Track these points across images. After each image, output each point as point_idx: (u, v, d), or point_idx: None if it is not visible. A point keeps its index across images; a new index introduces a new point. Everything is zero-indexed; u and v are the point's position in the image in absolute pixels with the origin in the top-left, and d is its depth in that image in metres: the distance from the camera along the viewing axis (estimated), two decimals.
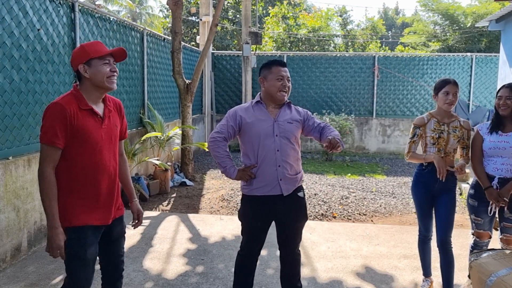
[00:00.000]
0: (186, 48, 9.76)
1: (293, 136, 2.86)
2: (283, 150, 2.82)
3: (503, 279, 2.42)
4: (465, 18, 16.22)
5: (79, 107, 2.22)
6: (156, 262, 4.05)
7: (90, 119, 2.26)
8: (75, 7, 5.02)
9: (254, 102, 2.94)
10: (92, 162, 2.27)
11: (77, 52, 2.28)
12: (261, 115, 2.87)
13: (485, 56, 11.24)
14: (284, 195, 2.85)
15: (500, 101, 3.19)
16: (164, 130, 7.24)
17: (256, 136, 2.82)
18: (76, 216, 2.24)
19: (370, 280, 3.73)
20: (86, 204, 2.27)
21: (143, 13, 30.42)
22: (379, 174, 8.54)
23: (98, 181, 2.29)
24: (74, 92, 2.27)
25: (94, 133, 2.26)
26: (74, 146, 2.22)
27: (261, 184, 2.85)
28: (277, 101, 2.87)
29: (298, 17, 18.94)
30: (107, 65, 2.27)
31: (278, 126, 2.83)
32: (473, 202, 3.33)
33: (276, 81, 2.82)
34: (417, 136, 3.33)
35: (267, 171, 2.82)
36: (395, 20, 37.07)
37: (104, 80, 2.26)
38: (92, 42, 2.33)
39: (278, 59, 2.92)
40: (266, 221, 2.95)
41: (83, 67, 2.24)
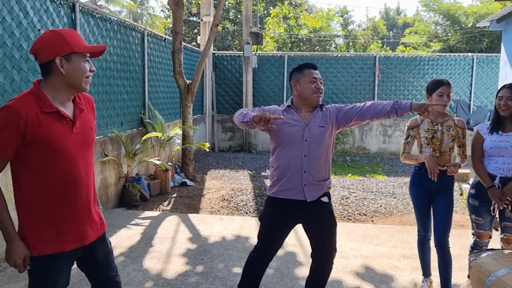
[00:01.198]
0: (187, 48, 9.77)
1: (323, 140, 2.78)
2: (310, 156, 2.75)
3: (502, 279, 2.42)
4: (466, 18, 16.21)
5: (41, 110, 1.81)
6: (156, 262, 4.05)
7: (57, 123, 1.85)
8: (76, 7, 5.04)
9: (285, 106, 2.87)
10: (63, 174, 1.88)
11: (53, 39, 1.83)
12: (292, 119, 2.80)
13: (486, 56, 11.23)
14: (308, 201, 2.78)
15: (500, 101, 3.18)
16: (164, 130, 7.25)
17: (285, 140, 2.76)
18: (46, 242, 1.89)
19: (370, 280, 3.73)
20: (57, 225, 1.90)
21: (144, 14, 30.45)
22: (379, 174, 8.54)
23: (71, 197, 1.92)
24: (35, 91, 1.84)
25: (62, 140, 1.86)
26: (38, 157, 1.83)
27: (285, 187, 2.79)
28: (311, 104, 2.81)
29: (299, 17, 18.95)
30: (87, 63, 1.90)
31: (308, 131, 2.76)
32: (473, 202, 3.33)
33: (309, 84, 2.77)
34: (411, 137, 3.35)
35: (293, 175, 2.76)
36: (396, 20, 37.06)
37: (82, 80, 1.88)
38: (69, 31, 1.89)
39: (309, 62, 2.87)
40: (287, 225, 2.89)
41: (60, 60, 1.81)
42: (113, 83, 6.04)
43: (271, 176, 2.90)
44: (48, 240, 1.89)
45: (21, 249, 1.85)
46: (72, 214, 1.94)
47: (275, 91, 11.56)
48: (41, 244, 1.88)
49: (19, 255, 1.85)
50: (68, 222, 1.93)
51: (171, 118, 8.80)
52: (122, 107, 6.41)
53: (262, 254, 2.95)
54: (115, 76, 6.10)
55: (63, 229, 1.92)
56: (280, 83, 11.51)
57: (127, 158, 6.23)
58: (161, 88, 8.25)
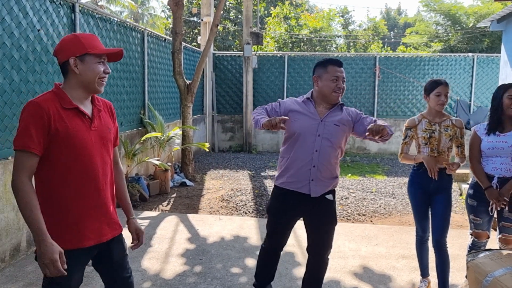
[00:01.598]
0: (187, 49, 9.78)
1: (336, 139, 2.78)
2: (322, 152, 2.75)
3: (499, 279, 2.42)
4: (467, 18, 16.22)
5: (61, 106, 1.91)
6: (155, 262, 4.06)
7: (76, 119, 1.94)
8: (76, 7, 5.04)
9: (304, 97, 2.89)
10: (81, 169, 1.94)
11: (70, 41, 1.95)
12: (308, 112, 2.82)
13: (486, 57, 11.22)
14: (311, 196, 2.80)
15: (509, 101, 3.14)
16: (164, 130, 7.25)
17: (298, 132, 2.77)
18: (65, 237, 1.92)
19: (368, 281, 3.73)
20: (76, 221, 1.95)
21: (145, 14, 30.48)
22: (379, 175, 8.54)
23: (89, 193, 1.98)
24: (55, 90, 1.96)
25: (80, 136, 1.94)
26: (59, 152, 1.90)
27: (293, 179, 2.82)
28: (330, 101, 2.82)
29: (299, 17, 18.96)
30: (101, 65, 1.99)
31: (323, 127, 2.77)
32: (472, 202, 3.33)
33: (331, 82, 2.76)
34: (409, 138, 3.37)
35: (301, 168, 2.78)
36: (397, 21, 37.04)
37: (96, 80, 1.97)
38: (88, 35, 2.01)
39: (334, 58, 2.83)
40: (291, 217, 2.94)
41: (75, 60, 1.92)
42: (112, 83, 6.05)
43: (280, 166, 2.93)
44: (66, 236, 1.93)
45: (55, 246, 1.84)
46: (89, 210, 1.99)
47: (276, 91, 11.56)
48: (59, 240, 1.88)
49: (54, 251, 1.83)
50: (86, 219, 1.98)
51: (171, 118, 8.80)
52: (122, 107, 6.42)
53: (271, 244, 3.05)
54: (114, 76, 6.10)
55: (81, 225, 1.97)
56: (280, 83, 11.51)
57: (126, 158, 6.24)
58: (161, 88, 8.26)
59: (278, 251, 3.10)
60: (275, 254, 3.11)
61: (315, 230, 2.92)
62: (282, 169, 2.89)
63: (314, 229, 2.93)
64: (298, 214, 2.94)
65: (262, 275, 3.15)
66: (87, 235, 1.98)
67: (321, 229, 2.90)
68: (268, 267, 3.13)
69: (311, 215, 2.90)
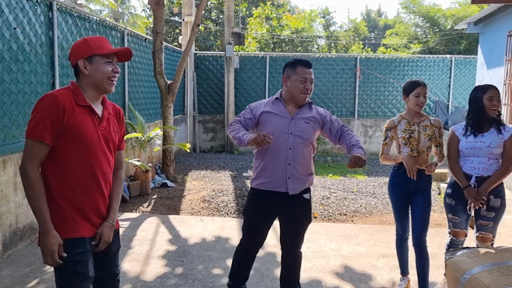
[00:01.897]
0: (168, 48, 9.70)
1: (308, 136, 2.85)
2: (296, 149, 2.81)
3: (476, 277, 2.46)
4: (445, 20, 16.50)
5: (76, 102, 2.02)
6: (135, 264, 4.00)
7: (87, 116, 2.05)
8: (53, 5, 4.94)
9: (273, 98, 2.94)
10: (84, 164, 2.04)
11: (79, 45, 2.08)
12: (279, 112, 2.86)
13: (463, 58, 11.44)
14: (290, 194, 2.85)
15: (492, 102, 3.16)
16: (145, 131, 7.17)
17: (271, 132, 2.78)
18: (68, 227, 2.01)
19: (349, 280, 3.76)
20: (79, 213, 2.04)
21: (126, 13, 30.14)
22: (360, 175, 8.62)
23: (92, 187, 2.07)
24: (72, 87, 2.07)
25: (89, 133, 2.04)
26: (66, 145, 2.00)
27: (269, 179, 2.85)
28: (297, 103, 2.87)
29: (281, 18, 19.00)
30: (109, 65, 2.08)
31: (294, 124, 2.83)
32: (450, 201, 3.38)
33: (299, 83, 2.82)
34: (389, 138, 3.41)
35: (277, 167, 2.82)
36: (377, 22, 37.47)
37: (104, 80, 2.07)
38: (97, 38, 2.13)
39: (303, 59, 2.88)
40: (268, 218, 2.97)
41: (83, 62, 2.04)
42: None
43: (255, 167, 2.95)
44: (70, 225, 2.02)
45: (57, 237, 1.95)
46: (92, 203, 2.08)
47: (257, 91, 11.56)
48: (63, 229, 2.00)
49: (56, 242, 1.95)
50: (88, 211, 2.07)
51: (152, 119, 8.72)
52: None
53: (248, 244, 3.06)
54: None
55: (83, 218, 2.06)
56: (262, 83, 11.52)
57: None
58: (142, 88, 8.17)
59: (255, 252, 3.12)
60: (252, 255, 3.13)
61: (291, 228, 2.98)
62: (257, 171, 2.92)
63: (290, 227, 2.97)
64: (275, 213, 2.98)
65: (237, 275, 3.15)
66: (89, 225, 2.08)
67: (297, 227, 2.96)
68: (244, 268, 3.15)
69: (288, 214, 2.94)
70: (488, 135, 3.21)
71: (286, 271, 3.09)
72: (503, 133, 3.20)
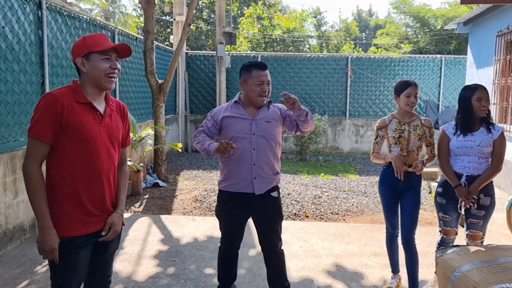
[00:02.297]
0: (159, 48, 9.66)
1: (271, 135, 2.90)
2: (259, 149, 2.86)
3: (466, 274, 2.48)
4: (435, 20, 16.62)
5: (76, 100, 2.03)
6: (126, 264, 3.98)
7: (88, 114, 2.06)
8: (43, 4, 4.90)
9: (232, 101, 2.98)
10: (88, 162, 2.06)
11: (78, 44, 2.10)
12: (239, 114, 2.91)
13: (453, 58, 11.53)
14: (256, 194, 2.89)
15: (480, 102, 3.18)
16: (136, 130, 7.14)
17: (233, 134, 2.86)
18: (70, 224, 2.05)
19: (341, 278, 3.77)
20: (79, 210, 2.07)
21: (116, 12, 29.95)
22: (352, 174, 8.65)
23: (94, 184, 2.09)
24: (72, 85, 2.09)
25: (91, 130, 2.05)
26: (68, 143, 2.02)
27: (236, 181, 2.91)
28: (256, 105, 2.92)
29: (273, 17, 19.01)
30: (107, 61, 2.08)
31: (256, 125, 2.87)
32: (441, 200, 3.40)
33: (256, 86, 2.85)
34: (380, 137, 3.44)
35: (242, 169, 2.87)
36: (368, 22, 37.64)
37: (102, 77, 2.07)
38: (94, 35, 2.13)
39: (258, 62, 2.92)
40: (241, 217, 3.03)
41: (81, 60, 2.06)
42: None
43: (222, 169, 3.01)
44: (71, 223, 2.04)
45: (56, 235, 1.99)
46: (93, 199, 2.09)
47: None
48: (64, 227, 2.03)
49: (54, 241, 1.99)
50: (88, 207, 2.08)
51: (143, 118, 8.67)
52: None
53: (227, 244, 3.12)
54: None
55: (84, 213, 2.07)
56: None
57: None
58: (133, 88, 8.13)
59: (235, 250, 3.17)
60: (233, 254, 3.18)
61: (263, 227, 3.03)
62: (224, 173, 2.98)
63: (262, 226, 3.03)
64: (245, 213, 3.03)
65: (224, 276, 3.20)
66: (90, 222, 2.10)
67: (269, 225, 3.02)
68: (229, 267, 3.19)
69: (258, 213, 3.00)
70: (478, 134, 3.24)
71: (272, 270, 3.13)
72: (493, 132, 3.23)
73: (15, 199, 4.34)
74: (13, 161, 4.33)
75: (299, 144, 10.01)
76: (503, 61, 7.17)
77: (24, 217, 4.47)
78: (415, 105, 3.27)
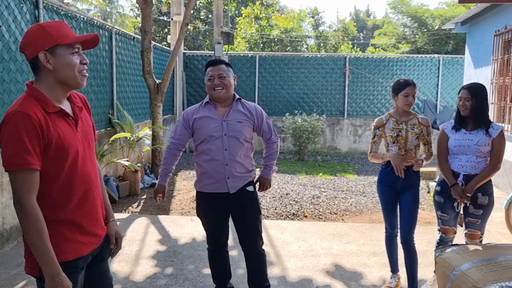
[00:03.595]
0: (156, 48, 9.63)
1: (242, 135, 2.92)
2: (231, 149, 2.89)
3: (465, 273, 2.48)
4: (433, 20, 16.64)
5: (44, 111, 1.67)
6: (124, 264, 3.96)
7: (62, 123, 1.73)
8: (39, 3, 4.88)
9: (204, 103, 3.00)
10: (75, 175, 1.76)
11: (36, 33, 1.69)
12: (209, 115, 2.93)
13: (451, 58, 11.55)
14: (231, 193, 2.94)
15: (460, 102, 3.28)
16: (134, 130, 7.12)
17: (205, 135, 2.89)
18: (66, 247, 1.76)
19: (340, 278, 3.76)
20: (74, 230, 1.80)
21: (114, 12, 29.90)
22: (350, 174, 8.65)
23: (84, 198, 1.82)
24: (32, 93, 1.69)
25: (71, 141, 1.74)
26: (52, 165, 1.69)
27: (210, 181, 2.95)
28: (218, 100, 2.93)
29: (270, 17, 19.01)
30: (76, 55, 1.73)
31: (227, 126, 2.90)
32: (439, 198, 3.40)
33: (208, 82, 2.92)
34: (377, 137, 3.43)
35: (215, 169, 2.90)
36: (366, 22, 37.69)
37: (77, 75, 1.73)
38: (55, 22, 1.74)
39: (212, 60, 2.97)
40: (221, 216, 3.05)
41: (45, 55, 1.67)
42: None
43: (196, 171, 3.04)
44: (66, 246, 1.77)
45: (66, 280, 1.68)
46: (86, 215, 1.84)
47: (247, 91, 11.54)
48: (62, 251, 1.74)
49: (69, 284, 1.69)
50: (83, 225, 1.83)
51: (141, 119, 8.65)
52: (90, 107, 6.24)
53: (213, 243, 3.15)
54: None
55: (80, 233, 1.82)
56: (251, 83, 11.51)
57: None
58: (130, 87, 8.10)
59: (223, 248, 3.19)
60: (222, 252, 3.19)
61: (242, 223, 3.04)
62: (198, 174, 3.01)
63: (241, 223, 3.04)
64: (224, 211, 3.05)
65: (218, 275, 3.22)
66: (86, 243, 1.85)
67: (247, 220, 3.03)
68: (221, 266, 3.20)
69: (235, 210, 3.02)
70: (476, 133, 3.24)
71: (252, 270, 3.13)
72: (491, 131, 3.23)
73: (12, 200, 4.31)
74: None
75: (297, 144, 10.00)
76: (501, 61, 7.17)
77: None
78: (412, 104, 3.28)
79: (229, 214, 3.07)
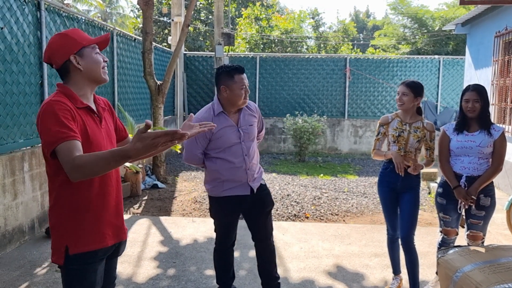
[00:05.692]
0: (157, 49, 9.64)
1: (254, 137, 3.06)
2: (249, 154, 3.00)
3: (468, 275, 2.48)
4: (433, 21, 16.64)
5: (74, 106, 1.84)
6: (127, 266, 3.97)
7: (89, 118, 1.90)
8: (41, 5, 4.88)
9: (216, 113, 2.94)
10: None
11: (60, 41, 1.89)
12: (227, 124, 2.94)
13: (452, 59, 11.56)
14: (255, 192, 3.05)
15: (468, 104, 3.23)
16: (135, 131, 7.11)
17: (225, 145, 2.93)
18: (86, 239, 1.88)
19: (342, 279, 3.77)
20: (95, 222, 1.91)
21: (114, 13, 29.91)
22: (351, 175, 8.65)
23: (105, 192, 1.94)
24: (63, 90, 1.88)
25: (96, 134, 1.90)
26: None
27: (232, 186, 2.99)
28: (239, 107, 2.98)
29: (271, 18, 19.01)
30: (99, 55, 1.95)
31: (242, 132, 2.97)
32: (441, 200, 3.40)
33: (240, 91, 2.89)
34: (381, 134, 3.45)
35: (238, 175, 2.97)
36: (366, 23, 37.69)
37: (101, 71, 1.94)
38: (73, 30, 1.95)
39: (238, 66, 2.93)
40: (236, 216, 3.13)
41: (75, 58, 1.86)
42: None
43: (213, 178, 3.02)
44: (89, 237, 1.89)
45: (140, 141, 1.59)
46: (108, 209, 1.96)
47: None
48: (81, 242, 1.87)
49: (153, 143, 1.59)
50: (106, 218, 1.95)
51: (142, 119, 8.65)
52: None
53: (224, 244, 3.19)
54: None
55: (102, 225, 1.93)
56: (252, 84, 11.51)
57: None
58: (131, 89, 8.11)
59: (231, 248, 3.24)
60: (230, 253, 3.24)
61: (259, 216, 3.12)
62: (218, 181, 2.99)
63: (259, 215, 3.12)
64: (241, 210, 3.13)
65: (223, 276, 3.25)
66: (108, 235, 1.96)
67: (265, 213, 3.12)
68: (227, 267, 3.24)
69: (254, 206, 3.09)
70: (478, 135, 3.24)
71: (264, 262, 3.21)
72: (493, 133, 3.23)
73: (14, 201, 4.32)
74: (12, 163, 4.31)
75: (297, 145, 10.00)
76: (501, 62, 7.18)
77: (23, 218, 4.45)
78: (404, 103, 3.32)
79: (241, 212, 3.15)
